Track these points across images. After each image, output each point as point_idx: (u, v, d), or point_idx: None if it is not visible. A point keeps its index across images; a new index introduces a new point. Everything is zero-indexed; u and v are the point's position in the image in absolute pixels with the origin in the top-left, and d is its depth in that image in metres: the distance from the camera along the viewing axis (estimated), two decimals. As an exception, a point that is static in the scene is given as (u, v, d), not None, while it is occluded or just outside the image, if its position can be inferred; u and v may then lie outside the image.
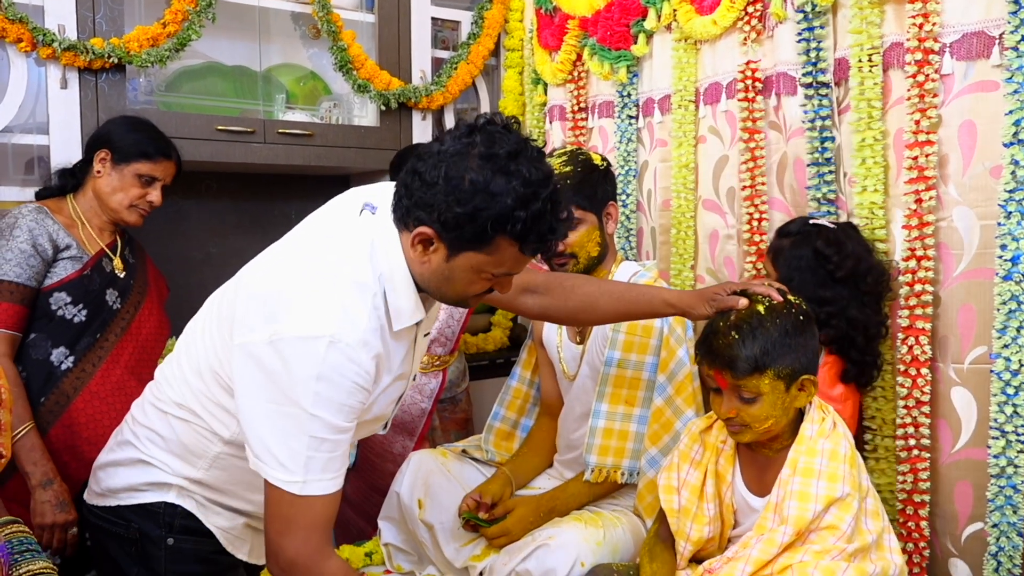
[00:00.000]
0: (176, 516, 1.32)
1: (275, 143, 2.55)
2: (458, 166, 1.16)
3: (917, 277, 1.69)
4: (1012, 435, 1.55)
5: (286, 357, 1.14)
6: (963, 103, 1.66)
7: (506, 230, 1.16)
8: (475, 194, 1.14)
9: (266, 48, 2.70)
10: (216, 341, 1.28)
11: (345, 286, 1.19)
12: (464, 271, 1.22)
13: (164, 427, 1.32)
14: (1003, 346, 1.56)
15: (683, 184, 2.25)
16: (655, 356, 1.78)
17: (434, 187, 1.16)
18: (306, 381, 1.14)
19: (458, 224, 1.16)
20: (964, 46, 1.64)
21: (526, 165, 1.16)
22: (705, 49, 2.21)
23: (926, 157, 1.67)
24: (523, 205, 1.15)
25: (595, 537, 1.63)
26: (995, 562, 1.58)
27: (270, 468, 1.17)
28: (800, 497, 1.36)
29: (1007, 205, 1.55)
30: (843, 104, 1.85)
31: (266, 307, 1.18)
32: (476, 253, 1.19)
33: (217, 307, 1.33)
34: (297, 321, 1.15)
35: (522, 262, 1.24)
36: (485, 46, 2.89)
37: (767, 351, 1.36)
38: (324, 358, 1.13)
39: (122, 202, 1.93)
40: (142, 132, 1.97)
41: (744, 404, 1.39)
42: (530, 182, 1.15)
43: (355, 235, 1.25)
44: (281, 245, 1.35)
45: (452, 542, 1.81)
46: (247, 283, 1.27)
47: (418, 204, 1.18)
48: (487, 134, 1.18)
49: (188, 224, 2.85)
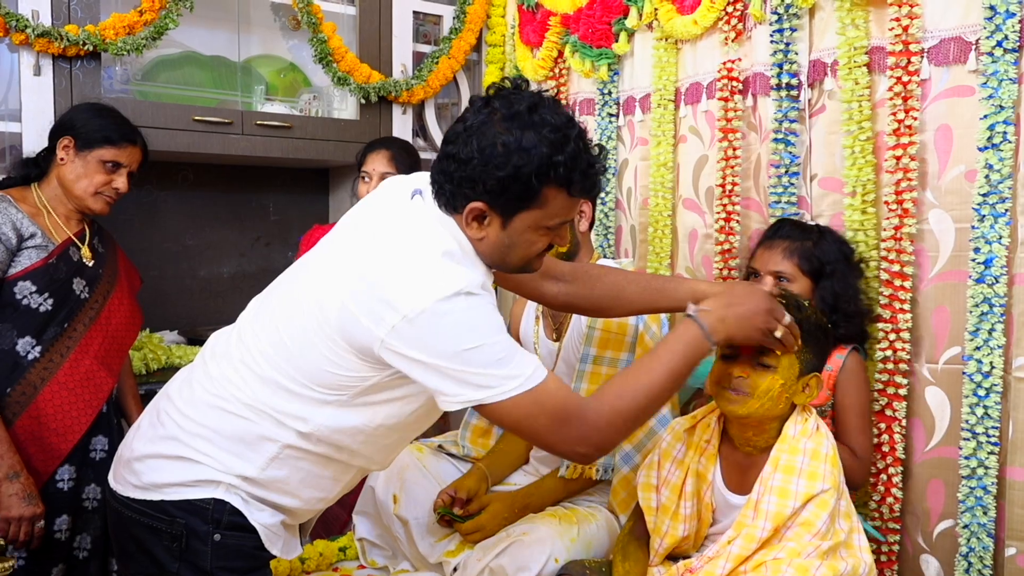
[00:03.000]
0: (224, 512, 1.29)
1: (253, 134, 2.52)
2: (487, 134, 1.20)
3: (896, 276, 1.70)
4: (983, 436, 1.58)
5: (437, 321, 1.18)
6: (940, 108, 1.68)
7: (550, 178, 1.20)
8: (511, 154, 1.18)
9: (245, 38, 2.67)
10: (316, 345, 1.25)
11: (439, 251, 1.23)
12: (522, 233, 1.25)
13: (223, 424, 1.29)
14: (975, 348, 1.58)
15: (661, 183, 2.25)
16: (630, 353, 1.78)
17: (471, 162, 1.20)
18: (466, 326, 1.19)
19: (504, 188, 1.20)
20: (941, 51, 1.66)
21: (547, 114, 1.21)
22: (686, 49, 2.21)
23: (909, 159, 1.68)
24: (558, 149, 1.19)
25: (569, 533, 1.63)
26: (966, 563, 1.61)
27: (504, 389, 1.20)
28: (780, 493, 1.37)
29: (981, 208, 1.57)
30: (816, 106, 1.87)
31: (383, 296, 1.19)
32: (529, 211, 1.23)
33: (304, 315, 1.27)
34: (427, 291, 1.18)
35: (575, 206, 1.28)
36: (467, 41, 2.87)
37: (805, 328, 1.42)
38: (467, 304, 1.19)
39: (87, 189, 1.89)
40: (106, 118, 1.93)
41: (758, 371, 1.41)
42: (557, 127, 1.20)
43: (418, 215, 1.28)
44: (345, 242, 1.33)
45: (427, 537, 1.81)
46: (341, 289, 1.23)
47: (461, 183, 1.22)
48: (502, 99, 1.23)
49: (164, 215, 2.81)
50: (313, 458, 1.32)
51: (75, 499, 1.90)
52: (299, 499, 1.36)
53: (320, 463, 1.34)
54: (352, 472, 1.41)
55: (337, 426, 1.30)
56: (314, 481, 1.36)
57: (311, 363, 1.26)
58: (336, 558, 1.99)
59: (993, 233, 1.55)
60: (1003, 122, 1.54)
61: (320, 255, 1.36)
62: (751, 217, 2.05)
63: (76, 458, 1.90)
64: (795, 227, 1.79)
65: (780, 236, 1.78)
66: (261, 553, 1.34)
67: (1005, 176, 1.54)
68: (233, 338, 1.36)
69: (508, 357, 1.22)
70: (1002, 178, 1.54)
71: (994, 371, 1.56)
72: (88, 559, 1.93)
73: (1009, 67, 1.53)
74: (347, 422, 1.30)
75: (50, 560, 1.87)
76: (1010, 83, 1.53)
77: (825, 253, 1.72)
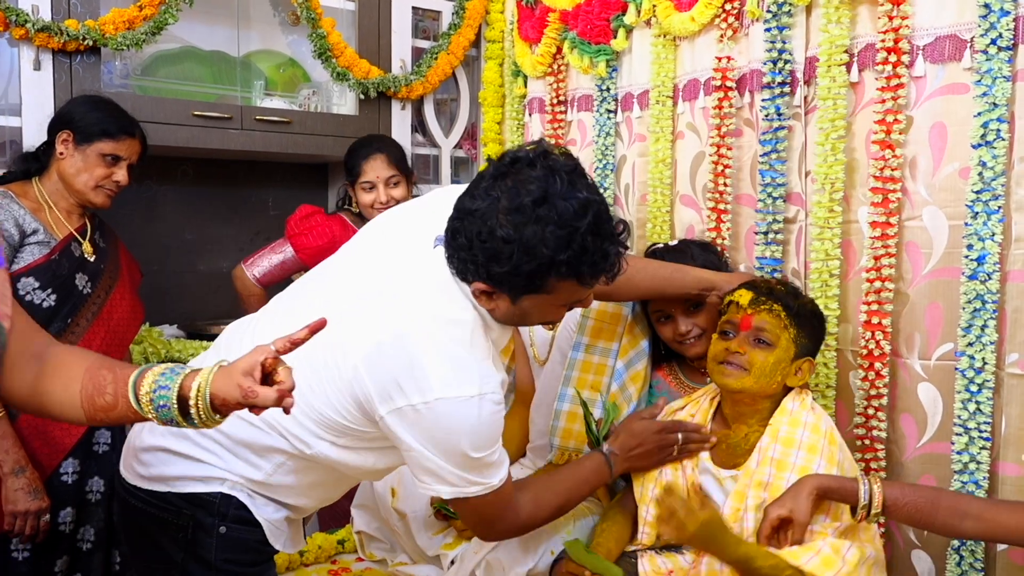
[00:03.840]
0: (231, 507, 1.31)
1: (252, 129, 2.53)
2: (487, 224, 1.15)
3: (882, 275, 1.71)
4: (975, 432, 1.59)
5: (442, 419, 1.20)
6: (934, 105, 1.68)
7: (555, 275, 1.16)
8: (512, 252, 1.14)
9: (244, 34, 2.68)
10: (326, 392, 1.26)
11: (466, 339, 1.23)
12: (534, 309, 1.25)
13: (233, 428, 1.28)
14: (967, 344, 1.60)
15: (660, 179, 2.26)
16: (619, 342, 1.81)
17: (471, 248, 1.18)
18: (470, 435, 1.21)
19: (504, 280, 1.18)
20: (936, 49, 1.67)
21: (558, 203, 1.13)
22: (684, 45, 2.22)
23: (896, 158, 1.69)
24: (563, 248, 1.13)
25: (565, 526, 1.65)
26: (957, 556, 1.62)
27: (475, 488, 1.27)
28: (778, 465, 1.42)
29: (974, 205, 1.58)
30: (812, 103, 1.88)
31: (398, 378, 1.20)
32: (537, 295, 1.21)
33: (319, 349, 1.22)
34: (442, 388, 1.19)
35: (587, 290, 1.25)
36: (466, 37, 2.88)
37: (802, 312, 1.53)
38: (479, 411, 1.20)
39: (87, 183, 1.90)
40: (103, 111, 1.93)
41: (755, 347, 1.48)
42: (564, 222, 1.13)
43: (442, 275, 1.26)
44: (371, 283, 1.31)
45: (424, 530, 1.82)
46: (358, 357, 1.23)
47: (464, 261, 1.20)
48: (513, 181, 1.16)
49: (164, 210, 2.83)
50: (320, 468, 1.34)
51: (79, 492, 1.92)
52: (306, 499, 1.38)
53: (326, 472, 1.36)
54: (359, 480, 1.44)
55: (337, 459, 1.32)
56: (321, 486, 1.38)
57: (318, 401, 1.26)
58: (335, 551, 2.01)
59: (986, 230, 1.56)
60: (997, 119, 1.55)
61: (346, 284, 1.34)
62: (745, 214, 2.06)
63: (80, 451, 1.92)
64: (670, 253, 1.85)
65: None
66: (265, 547, 1.35)
67: (998, 173, 1.55)
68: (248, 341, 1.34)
69: (489, 468, 1.26)
70: (995, 175, 1.55)
71: (986, 367, 1.57)
72: (92, 551, 1.95)
73: (1003, 65, 1.54)
74: (345, 459, 1.32)
75: (54, 552, 1.88)
76: (1004, 81, 1.54)
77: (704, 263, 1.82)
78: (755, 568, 1.33)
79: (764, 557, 1.33)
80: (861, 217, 1.80)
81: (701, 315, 1.75)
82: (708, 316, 1.75)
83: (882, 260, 1.72)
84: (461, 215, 1.20)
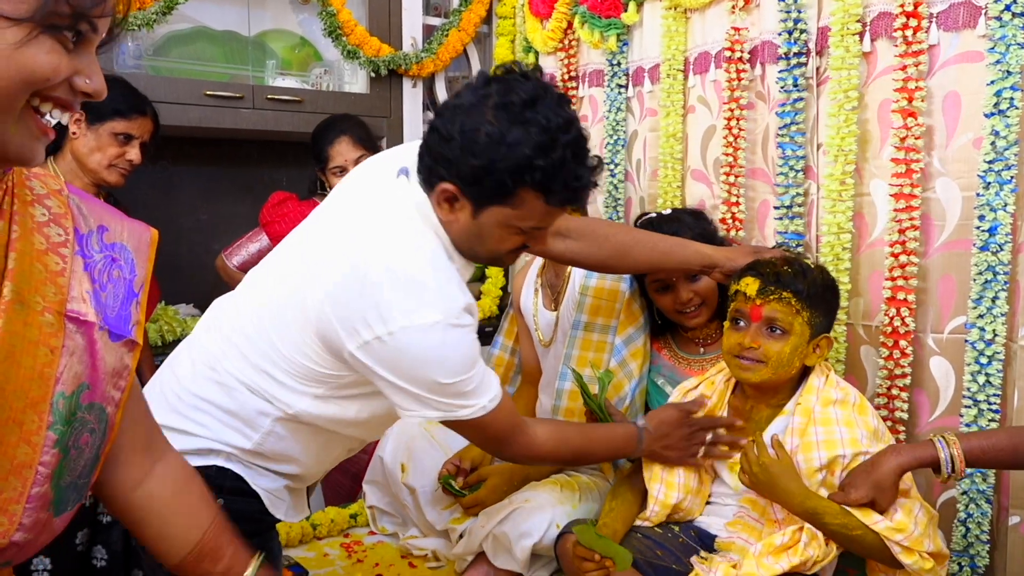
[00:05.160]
0: (227, 478, 1.30)
1: (264, 109, 2.54)
2: (473, 118, 1.15)
3: (904, 248, 1.68)
4: (984, 404, 1.57)
5: (408, 348, 1.17)
6: (948, 74, 1.65)
7: (527, 181, 1.15)
8: (490, 146, 1.13)
9: (255, 13, 2.68)
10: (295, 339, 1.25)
11: (427, 264, 1.21)
12: (492, 227, 1.21)
13: (220, 397, 1.29)
14: (978, 316, 1.58)
15: (670, 154, 2.24)
16: (617, 319, 1.80)
17: (451, 141, 1.16)
18: (438, 363, 1.19)
19: (476, 178, 1.15)
20: (951, 16, 1.63)
21: (544, 112, 1.14)
22: (695, 18, 2.19)
23: (917, 126, 1.66)
24: (542, 154, 1.13)
25: (571, 500, 1.66)
26: (963, 528, 1.61)
27: (464, 411, 1.25)
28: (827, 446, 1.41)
29: (986, 176, 1.55)
30: (824, 74, 1.85)
31: (361, 310, 1.18)
32: (501, 207, 1.18)
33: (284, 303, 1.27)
34: (405, 316, 1.16)
35: (552, 215, 1.23)
36: (477, 13, 2.86)
37: (813, 292, 1.47)
38: (443, 338, 1.18)
39: (101, 162, 1.91)
40: (115, 90, 1.91)
41: (769, 338, 1.45)
42: (548, 129, 1.13)
43: (402, 205, 1.25)
44: (332, 226, 1.31)
45: (433, 505, 1.84)
46: (321, 293, 1.22)
47: (437, 160, 1.19)
48: (503, 83, 1.16)
49: (178, 190, 2.85)
50: (308, 430, 1.33)
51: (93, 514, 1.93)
52: (301, 465, 1.38)
53: (317, 433, 1.35)
54: (354, 441, 1.43)
55: (319, 414, 1.31)
56: (314, 449, 1.37)
57: (288, 350, 1.26)
58: (347, 524, 2.03)
59: (998, 200, 1.54)
60: (1010, 88, 1.51)
61: (309, 237, 1.34)
62: (758, 188, 2.04)
63: None
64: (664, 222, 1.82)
65: None
66: (265, 517, 1.36)
67: (1011, 143, 1.52)
68: (229, 311, 1.37)
69: (473, 390, 1.24)
70: (1008, 144, 1.52)
71: (996, 339, 1.55)
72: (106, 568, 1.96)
73: (1017, 32, 1.50)
74: (327, 412, 1.31)
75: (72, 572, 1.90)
76: (1018, 48, 1.50)
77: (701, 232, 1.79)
78: (824, 523, 1.35)
79: (834, 515, 1.34)
80: (873, 189, 1.78)
81: (700, 284, 1.74)
82: (707, 285, 1.74)
83: (907, 233, 1.68)
84: (445, 110, 1.19)
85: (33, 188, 0.77)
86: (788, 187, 1.90)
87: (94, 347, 0.77)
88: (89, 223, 0.81)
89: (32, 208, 0.76)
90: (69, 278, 0.76)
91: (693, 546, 1.49)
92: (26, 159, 0.71)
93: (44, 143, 0.71)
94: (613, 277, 1.80)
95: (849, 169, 1.77)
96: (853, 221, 1.79)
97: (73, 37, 0.68)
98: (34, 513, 0.73)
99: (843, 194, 1.78)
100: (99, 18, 0.69)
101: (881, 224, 1.76)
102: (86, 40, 0.70)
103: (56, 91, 0.69)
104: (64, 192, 0.80)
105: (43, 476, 0.73)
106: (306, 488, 1.49)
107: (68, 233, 0.78)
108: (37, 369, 0.72)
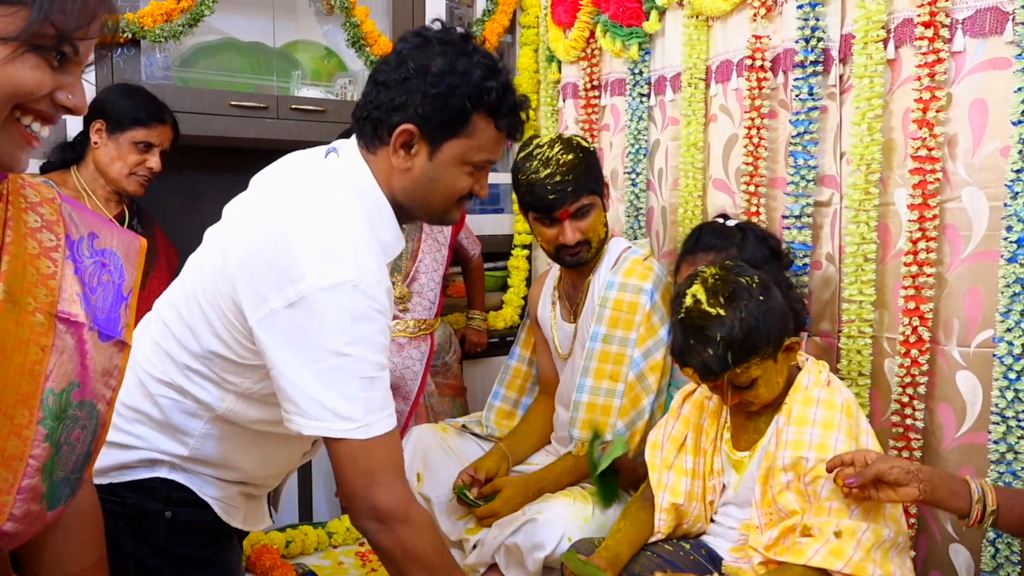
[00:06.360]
0: (172, 489, 1.29)
1: (288, 119, 2.56)
2: (423, 57, 1.24)
3: (919, 259, 1.65)
4: (1013, 420, 1.52)
5: (315, 312, 1.13)
6: (975, 81, 1.61)
7: (482, 103, 1.24)
8: (445, 74, 1.22)
9: (281, 24, 2.71)
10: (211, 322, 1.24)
11: (344, 229, 1.18)
12: (448, 166, 1.26)
13: (149, 406, 1.29)
14: (1006, 330, 1.53)
15: (692, 163, 2.22)
16: (637, 332, 1.77)
17: (406, 81, 1.22)
18: (342, 328, 1.13)
19: (436, 108, 1.22)
20: (977, 22, 1.60)
21: (478, 47, 1.28)
22: (716, 26, 2.17)
23: (933, 138, 1.63)
24: (491, 75, 1.24)
25: (583, 513, 1.64)
26: (993, 548, 1.56)
27: (332, 423, 1.14)
28: (794, 446, 1.37)
29: (1014, 185, 1.51)
30: (848, 82, 1.82)
31: (273, 275, 1.15)
32: (457, 139, 1.25)
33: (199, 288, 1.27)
34: (315, 275, 1.13)
35: (499, 144, 1.31)
36: (500, 23, 2.87)
37: (749, 326, 1.34)
38: (351, 302, 1.14)
39: (121, 171, 1.95)
40: (135, 98, 1.98)
41: (747, 392, 1.41)
42: (488, 55, 1.27)
43: (328, 175, 1.27)
44: (249, 212, 1.30)
45: (448, 515, 1.83)
46: (235, 262, 1.21)
47: (390, 108, 1.23)
48: (437, 29, 1.28)
49: (203, 199, 2.88)
50: (242, 432, 1.31)
51: None
52: (244, 470, 1.35)
53: (253, 436, 1.32)
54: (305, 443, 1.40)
55: (244, 414, 1.29)
56: (254, 451, 1.33)
57: (207, 341, 1.25)
58: (363, 533, 2.03)
59: (1026, 211, 1.49)
60: (1038, 95, 1.48)
61: (227, 226, 1.33)
62: (779, 198, 2.01)
63: None
64: (715, 234, 1.75)
65: (701, 248, 1.74)
66: (218, 526, 1.33)
67: (1040, 151, 1.48)
68: (161, 311, 1.35)
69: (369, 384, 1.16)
70: (1036, 153, 1.48)
71: (1025, 353, 1.51)
72: None
73: (1046, 37, 1.47)
74: (251, 414, 1.29)
75: None
76: (1047, 54, 1.47)
77: (752, 255, 1.65)
78: None
79: None
80: (898, 199, 1.74)
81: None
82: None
83: (919, 244, 1.65)
84: (385, 66, 1.26)
85: (27, 196, 0.81)
86: (799, 196, 1.87)
87: (84, 347, 0.80)
88: (80, 230, 0.85)
89: (26, 215, 0.79)
90: (60, 281, 0.80)
91: (705, 564, 1.46)
92: (10, 166, 0.75)
93: (28, 151, 0.75)
94: (633, 289, 1.78)
95: (873, 178, 1.74)
96: (877, 231, 1.76)
97: (57, 57, 0.73)
98: (25, 505, 0.76)
99: (866, 204, 1.75)
100: (82, 41, 0.74)
101: (905, 234, 1.72)
102: (70, 60, 0.75)
103: (39, 104, 0.74)
104: (56, 201, 0.84)
105: (33, 469, 0.76)
106: (267, 495, 1.46)
107: (60, 239, 0.81)
108: (27, 366, 0.75)
